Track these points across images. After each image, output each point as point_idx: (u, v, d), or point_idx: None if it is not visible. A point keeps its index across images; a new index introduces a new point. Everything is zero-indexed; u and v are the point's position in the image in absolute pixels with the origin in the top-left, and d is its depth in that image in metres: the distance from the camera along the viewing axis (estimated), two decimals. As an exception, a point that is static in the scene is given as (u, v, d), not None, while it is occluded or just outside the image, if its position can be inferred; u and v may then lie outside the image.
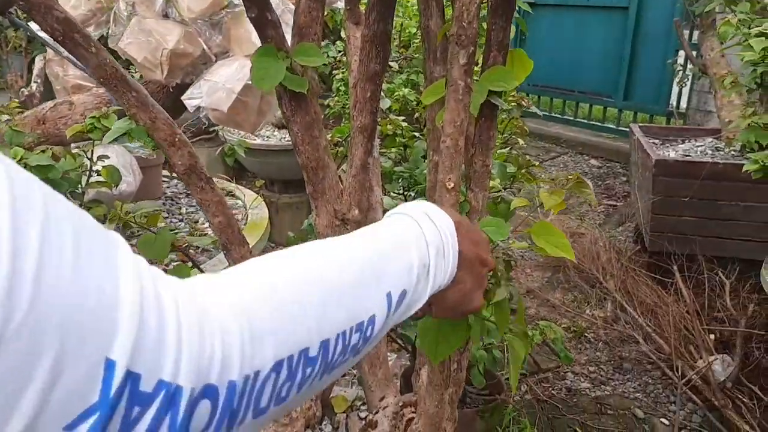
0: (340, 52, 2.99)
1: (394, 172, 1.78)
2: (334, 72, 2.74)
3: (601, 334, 2.54)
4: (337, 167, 1.92)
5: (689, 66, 3.79)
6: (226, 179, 2.09)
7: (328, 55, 3.04)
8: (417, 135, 1.86)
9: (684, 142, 3.07)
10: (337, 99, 2.54)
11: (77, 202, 1.43)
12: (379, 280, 0.46)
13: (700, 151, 2.87)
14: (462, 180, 0.97)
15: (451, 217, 0.56)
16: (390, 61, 2.53)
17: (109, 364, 0.28)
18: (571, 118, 5.42)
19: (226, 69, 1.33)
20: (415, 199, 1.81)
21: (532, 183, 1.80)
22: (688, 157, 2.77)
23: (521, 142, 2.09)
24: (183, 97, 1.35)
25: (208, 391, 0.32)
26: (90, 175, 1.44)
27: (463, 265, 0.56)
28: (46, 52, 1.91)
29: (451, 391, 1.01)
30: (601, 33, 5.10)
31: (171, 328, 0.31)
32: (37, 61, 2.11)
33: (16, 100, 2.11)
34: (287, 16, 1.30)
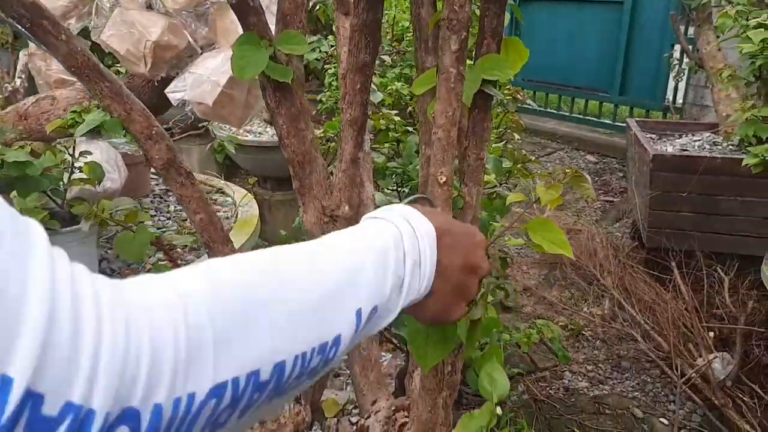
0: (332, 47, 2.95)
1: (387, 168, 1.73)
2: (327, 67, 2.69)
3: (598, 332, 2.51)
4: (329, 163, 1.88)
5: (685, 60, 3.76)
6: (214, 176, 2.04)
7: (320, 50, 2.99)
8: (410, 129, 1.82)
9: (681, 136, 3.04)
10: (329, 94, 2.49)
11: (59, 200, 1.38)
12: (350, 297, 0.42)
13: (698, 146, 2.83)
14: (455, 174, 0.93)
15: (435, 222, 0.51)
16: (383, 55, 2.48)
17: (5, 382, 0.23)
18: (567, 114, 5.39)
19: (212, 61, 1.28)
20: (408, 195, 1.77)
21: (528, 178, 1.76)
22: (685, 152, 2.74)
23: (517, 136, 2.05)
24: (166, 90, 1.30)
25: (127, 416, 0.27)
26: (72, 172, 1.39)
27: (443, 276, 0.51)
28: (28, 46, 1.86)
29: (445, 395, 0.97)
30: (596, 27, 5.06)
31: (87, 339, 0.26)
32: (21, 56, 2.05)
33: (0, 96, 2.06)
34: (274, 7, 1.25)
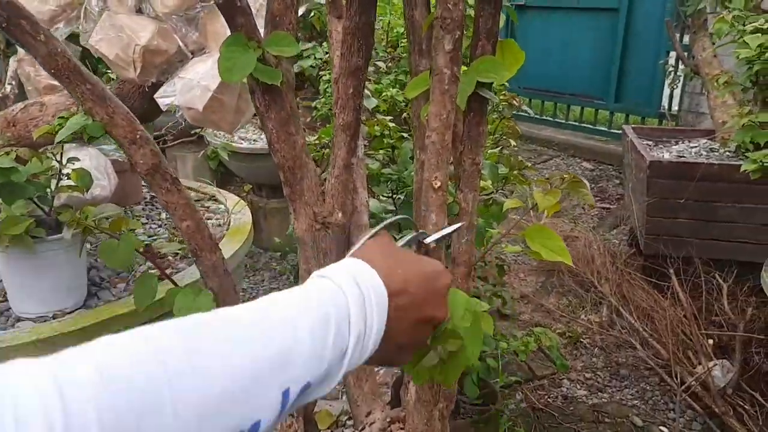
0: (327, 53, 2.93)
1: (381, 175, 1.71)
2: (321, 74, 2.67)
3: (596, 340, 2.48)
4: (324, 170, 1.85)
5: (681, 67, 3.76)
6: (206, 182, 2.01)
7: (315, 57, 2.97)
8: (405, 136, 1.79)
9: (678, 143, 3.03)
10: (324, 100, 2.47)
11: (46, 207, 1.35)
12: (277, 378, 0.38)
13: (695, 152, 2.82)
14: (451, 180, 0.91)
15: (391, 280, 0.48)
16: (377, 61, 2.47)
17: None
18: (563, 121, 5.39)
19: (202, 65, 1.26)
20: (403, 202, 1.74)
21: (524, 185, 1.74)
22: (682, 159, 2.72)
23: (513, 143, 2.03)
24: (155, 96, 1.28)
25: None
26: (60, 179, 1.36)
27: (389, 339, 0.48)
28: (18, 51, 1.83)
29: (441, 407, 0.94)
30: (591, 35, 5.07)
31: None
32: (11, 62, 2.02)
33: (-10, 103, 2.03)
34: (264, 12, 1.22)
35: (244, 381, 0.36)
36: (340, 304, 0.44)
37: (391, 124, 1.77)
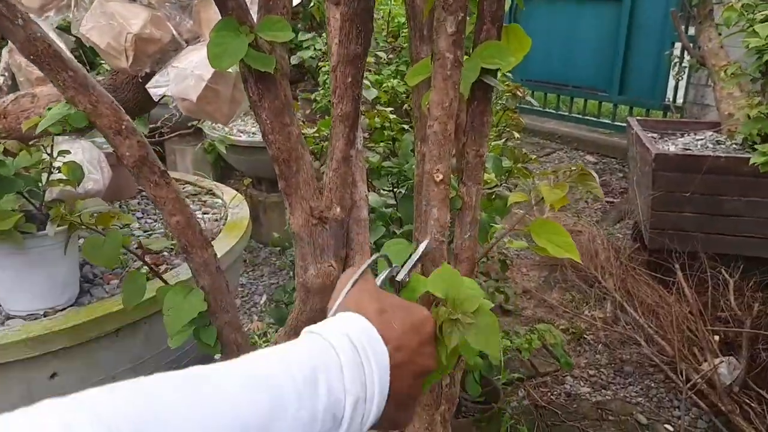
0: (327, 44, 2.88)
1: (382, 168, 1.67)
2: (321, 65, 2.63)
3: (600, 336, 2.45)
4: (322, 163, 1.81)
5: (686, 58, 3.70)
6: (203, 176, 1.97)
7: (315, 48, 2.93)
8: (406, 128, 1.75)
9: (683, 135, 2.98)
10: (323, 92, 2.43)
11: (37, 202, 1.31)
12: None
13: (701, 145, 2.77)
14: (453, 173, 0.87)
15: (389, 336, 0.45)
16: (378, 52, 2.42)
17: None
18: (566, 114, 5.33)
19: (196, 54, 1.21)
20: (404, 196, 1.70)
21: (528, 179, 1.69)
22: (688, 151, 2.67)
23: (516, 135, 1.99)
24: (148, 86, 1.23)
25: None
26: (51, 172, 1.32)
27: (392, 401, 0.45)
28: (9, 42, 1.79)
29: (443, 409, 0.91)
30: (594, 25, 5.00)
31: None
32: (3, 53, 1.98)
33: (-18, 95, 1.99)
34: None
35: None
36: (333, 367, 0.41)
37: (392, 116, 1.72)
